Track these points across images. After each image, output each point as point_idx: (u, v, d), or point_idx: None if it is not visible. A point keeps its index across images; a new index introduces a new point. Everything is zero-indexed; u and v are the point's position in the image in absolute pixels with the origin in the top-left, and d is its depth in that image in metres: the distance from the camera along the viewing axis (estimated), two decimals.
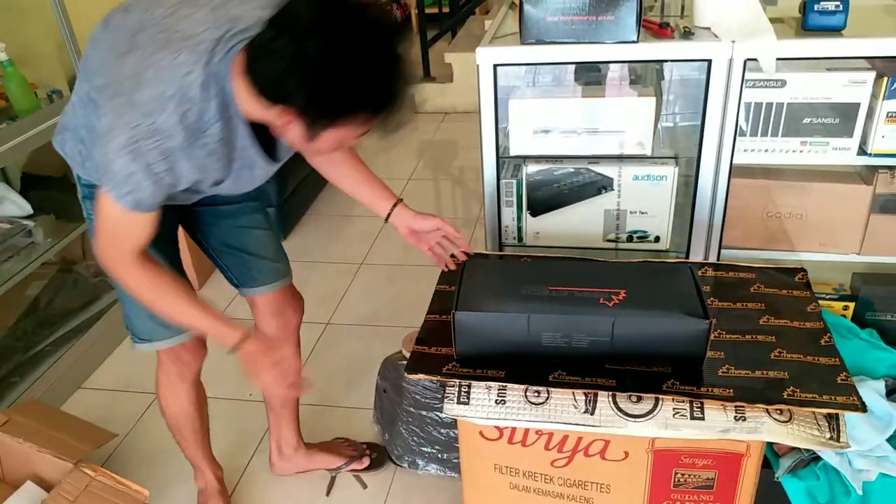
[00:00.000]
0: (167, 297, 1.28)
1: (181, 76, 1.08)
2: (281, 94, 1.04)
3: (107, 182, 1.12)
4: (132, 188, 1.11)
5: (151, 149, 1.08)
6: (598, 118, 1.52)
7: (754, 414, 1.21)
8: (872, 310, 1.66)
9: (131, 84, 1.09)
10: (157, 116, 1.07)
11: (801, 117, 1.43)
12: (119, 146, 1.07)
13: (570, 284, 1.31)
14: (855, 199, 1.50)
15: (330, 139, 1.10)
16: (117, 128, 1.07)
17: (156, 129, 1.07)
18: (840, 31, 1.36)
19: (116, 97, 1.10)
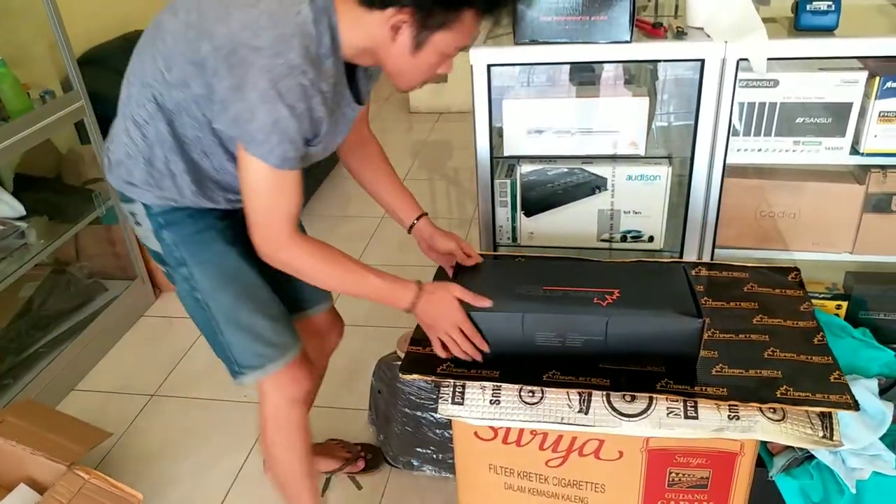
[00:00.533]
0: (341, 266, 1.24)
1: (293, 16, 1.07)
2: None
3: (249, 143, 1.10)
4: (278, 139, 1.09)
5: (290, 88, 1.06)
6: (592, 118, 1.52)
7: (748, 413, 1.21)
8: (865, 309, 1.66)
9: (248, 35, 1.06)
10: (286, 55, 1.05)
11: (794, 117, 1.43)
12: (259, 95, 1.05)
13: (564, 284, 1.32)
14: (847, 199, 1.51)
15: (437, 47, 1.12)
16: (249, 79, 1.05)
17: (290, 66, 1.05)
18: (832, 31, 1.37)
19: (234, 53, 1.06)
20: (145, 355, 2.45)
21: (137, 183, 1.27)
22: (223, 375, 1.45)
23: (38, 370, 2.21)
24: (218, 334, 1.38)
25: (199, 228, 1.32)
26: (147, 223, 1.32)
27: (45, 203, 2.40)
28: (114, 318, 2.52)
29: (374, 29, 1.11)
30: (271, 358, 1.41)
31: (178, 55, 1.14)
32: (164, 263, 1.37)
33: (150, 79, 1.18)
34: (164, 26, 1.17)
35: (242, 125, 1.09)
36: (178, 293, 1.39)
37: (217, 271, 1.34)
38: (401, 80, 1.23)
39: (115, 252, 2.64)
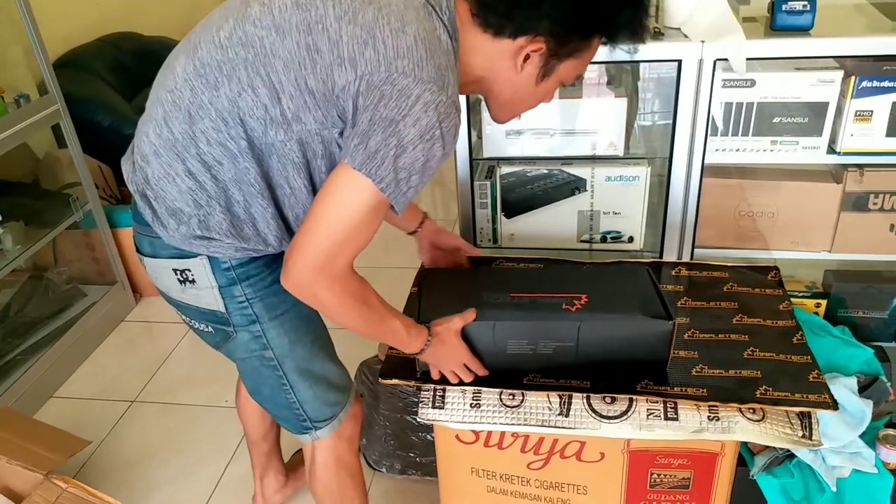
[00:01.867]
0: (371, 308, 1.11)
1: (440, 44, 0.97)
2: (532, 16, 0.99)
3: (380, 179, 0.96)
4: (418, 179, 0.98)
5: (450, 128, 0.97)
6: (571, 119, 1.52)
7: (727, 413, 1.21)
8: (844, 307, 1.67)
9: (408, 64, 0.94)
10: (448, 91, 0.96)
11: (772, 116, 1.44)
12: (420, 132, 0.95)
13: (531, 290, 1.31)
14: (825, 198, 1.51)
15: (560, 75, 1.07)
16: (413, 113, 0.94)
17: (451, 103, 0.96)
18: (808, 31, 1.37)
19: (391, 82, 0.94)
20: (125, 361, 2.43)
21: (214, 234, 1.09)
22: (204, 380, 1.43)
23: (15, 377, 2.18)
24: (288, 393, 1.27)
25: (276, 277, 1.13)
26: (210, 279, 1.14)
27: (22, 208, 2.37)
28: (93, 323, 2.50)
29: (499, 58, 1.04)
30: (342, 403, 1.34)
31: (291, 84, 0.99)
32: (223, 324, 1.20)
33: (243, 113, 1.01)
34: (263, 48, 0.99)
35: (382, 160, 0.95)
36: (238, 355, 1.25)
37: (294, 323, 1.22)
38: (509, 111, 1.16)
39: (94, 257, 2.61)
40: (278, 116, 1.01)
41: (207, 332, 1.24)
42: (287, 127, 1.02)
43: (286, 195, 1.10)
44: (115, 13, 3.08)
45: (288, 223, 1.14)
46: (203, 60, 1.04)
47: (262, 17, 1.01)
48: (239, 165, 1.06)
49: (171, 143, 1.07)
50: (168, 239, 1.13)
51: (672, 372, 1.27)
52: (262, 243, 1.13)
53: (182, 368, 2.33)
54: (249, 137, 1.04)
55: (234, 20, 1.03)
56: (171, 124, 1.06)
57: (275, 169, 1.07)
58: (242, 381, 1.33)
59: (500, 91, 1.10)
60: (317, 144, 1.05)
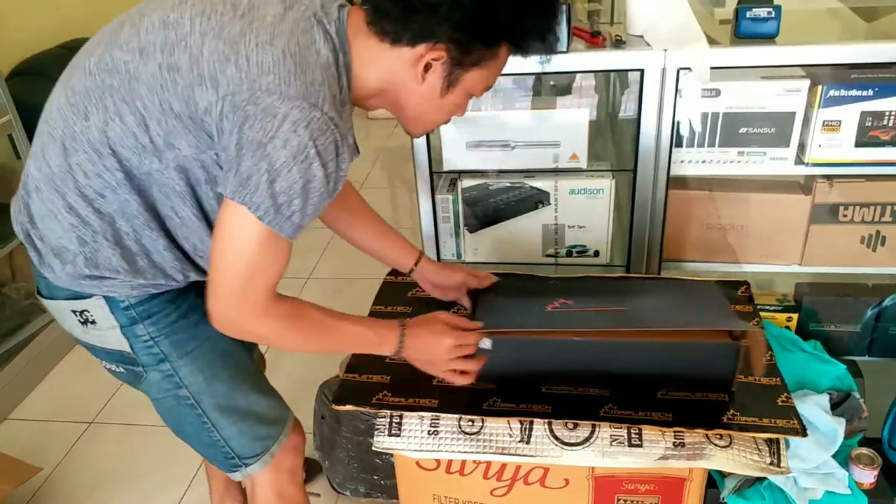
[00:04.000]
0: (315, 326, 1.06)
1: (316, 57, 0.92)
2: (431, 22, 0.93)
3: (258, 207, 0.90)
4: (301, 203, 0.92)
5: (326, 145, 0.91)
6: (532, 131, 1.47)
7: (693, 440, 1.17)
8: (816, 320, 1.63)
9: (273, 80, 0.88)
10: (321, 106, 0.90)
11: (738, 127, 1.39)
12: (292, 152, 0.88)
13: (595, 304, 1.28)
14: (794, 209, 1.47)
15: (466, 86, 1.02)
16: (280, 133, 0.88)
17: (326, 118, 0.90)
18: (773, 39, 1.33)
19: (255, 101, 0.88)
20: (84, 380, 2.34)
21: (105, 272, 1.03)
22: None
23: None
24: (211, 431, 1.19)
25: (181, 313, 1.11)
26: (109, 320, 1.08)
27: None
28: (51, 341, 2.41)
29: (398, 67, 0.98)
30: (274, 436, 1.26)
31: (156, 109, 0.93)
32: (132, 364, 1.13)
33: (113, 143, 0.96)
34: (128, 73, 0.94)
35: (255, 186, 0.89)
36: (153, 395, 1.19)
37: (208, 359, 1.15)
38: (418, 124, 1.11)
39: None
40: (149, 144, 0.96)
41: (120, 372, 1.17)
42: (160, 154, 0.96)
43: (177, 226, 1.04)
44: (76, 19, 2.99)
45: (186, 253, 1.07)
46: (74, 89, 0.98)
47: (130, 40, 0.96)
48: (120, 197, 0.99)
49: (50, 177, 1.00)
50: (56, 280, 1.06)
51: (636, 395, 1.22)
52: (162, 276, 1.07)
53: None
54: (125, 168, 0.98)
55: (105, 45, 0.98)
56: (49, 157, 1.00)
57: (158, 200, 1.01)
58: (163, 420, 1.25)
59: (405, 103, 1.04)
60: (197, 170, 0.99)
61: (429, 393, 1.26)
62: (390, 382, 1.30)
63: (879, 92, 1.30)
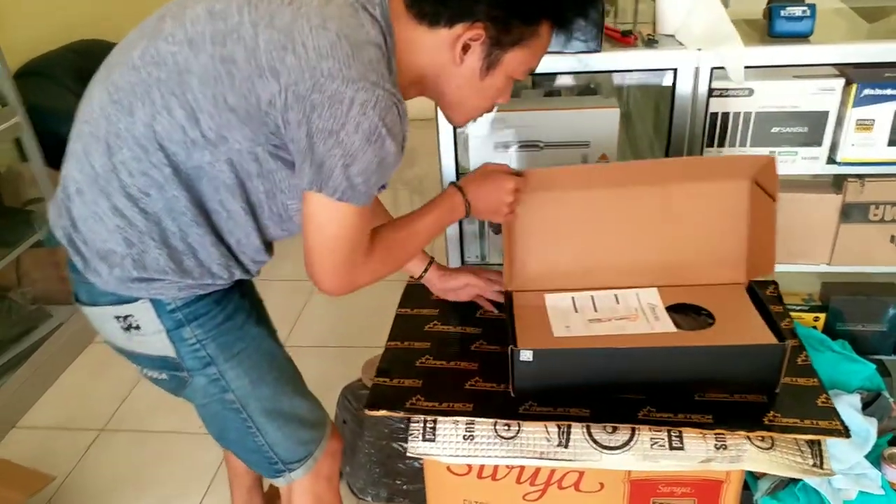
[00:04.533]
0: (406, 239, 1.14)
1: (366, 35, 0.91)
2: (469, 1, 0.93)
3: (337, 191, 0.92)
4: (378, 178, 0.94)
5: (394, 120, 0.91)
6: (561, 131, 1.45)
7: (735, 441, 1.15)
8: (842, 320, 1.63)
9: (334, 65, 0.86)
10: (382, 83, 0.89)
11: (770, 126, 1.38)
12: (364, 136, 0.88)
13: None
14: (824, 209, 1.46)
15: (507, 68, 1.00)
16: (351, 118, 0.87)
17: (388, 94, 0.89)
18: (807, 38, 1.32)
19: (320, 89, 0.86)
20: (94, 386, 2.31)
21: (153, 274, 1.01)
22: (178, 404, 1.32)
23: None
24: (256, 436, 1.17)
25: (227, 314, 1.10)
26: (156, 324, 1.06)
27: None
28: (59, 346, 2.38)
29: (437, 50, 0.97)
30: (317, 440, 1.25)
31: (209, 102, 0.92)
32: (177, 370, 1.11)
33: (161, 137, 0.94)
34: (176, 65, 0.92)
35: (333, 172, 0.90)
36: (197, 401, 1.17)
37: (253, 361, 1.14)
38: (459, 111, 1.09)
39: (61, 276, 2.48)
40: (199, 138, 0.94)
41: (162, 379, 1.15)
42: (213, 148, 0.95)
43: (223, 220, 1.03)
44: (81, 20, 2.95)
45: (231, 248, 1.06)
46: (117, 85, 0.96)
47: (175, 31, 0.94)
48: (167, 194, 0.97)
49: (94, 178, 0.98)
50: (103, 285, 1.04)
51: (675, 397, 1.21)
52: (208, 275, 1.05)
53: (154, 392, 2.16)
54: (173, 163, 0.96)
55: (148, 39, 0.96)
56: (92, 158, 0.98)
57: (207, 193, 0.99)
58: (206, 427, 1.23)
59: (445, 88, 1.03)
60: (250, 164, 0.97)
61: (462, 397, 1.24)
62: (422, 387, 1.28)
63: None
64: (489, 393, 1.26)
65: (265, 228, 1.07)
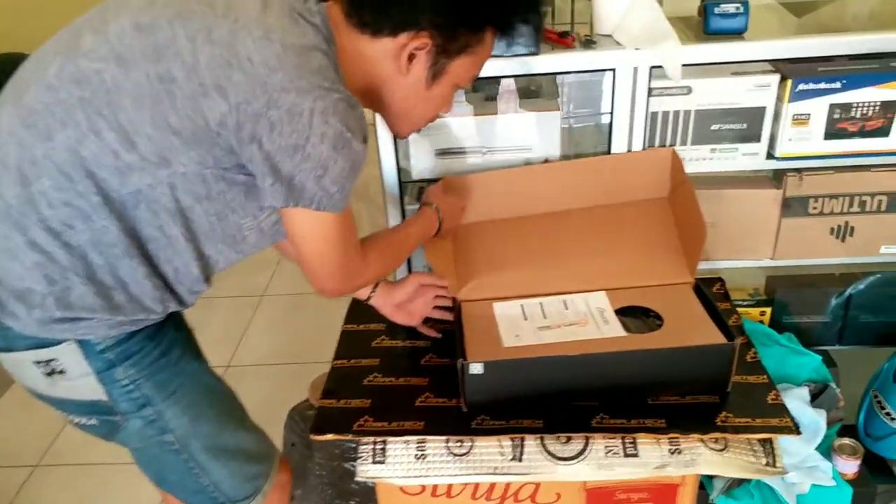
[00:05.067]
0: (397, 244, 1.22)
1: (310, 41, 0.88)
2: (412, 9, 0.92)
3: (313, 201, 0.90)
4: (352, 181, 0.93)
5: (357, 120, 0.89)
6: (502, 135, 1.42)
7: (689, 445, 1.14)
8: (788, 313, 1.64)
9: (284, 77, 0.83)
10: (337, 86, 0.88)
11: (709, 124, 1.38)
12: (331, 144, 0.86)
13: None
14: (766, 204, 1.47)
15: (453, 76, 0.99)
16: (314, 130, 0.84)
17: (345, 96, 0.88)
18: (742, 34, 1.32)
19: (275, 105, 0.83)
20: (25, 420, 2.17)
21: (79, 312, 0.93)
22: None
23: None
24: (199, 476, 1.11)
25: (162, 350, 1.03)
26: (83, 367, 0.98)
27: None
28: None
29: (381, 60, 0.95)
30: (265, 474, 1.18)
31: (147, 124, 0.85)
32: (109, 414, 1.04)
33: (88, 163, 0.86)
34: (102, 83, 0.85)
35: (306, 185, 0.88)
36: (131, 445, 1.10)
37: (192, 398, 1.08)
38: (405, 121, 1.06)
39: None
40: (137, 161, 0.87)
41: (92, 425, 1.07)
42: (154, 171, 0.88)
43: (161, 247, 0.95)
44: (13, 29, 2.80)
45: (166, 279, 0.98)
46: (30, 107, 0.87)
47: (97, 47, 0.87)
48: (95, 225, 0.90)
49: (5, 211, 0.89)
50: (22, 328, 0.94)
51: (627, 402, 1.19)
52: (141, 310, 0.98)
53: None
54: (103, 191, 0.88)
55: (64, 56, 0.88)
56: (2, 189, 0.89)
57: (144, 219, 0.92)
58: (143, 471, 1.15)
59: (391, 99, 1.01)
60: (197, 186, 0.91)
61: (413, 415, 1.21)
62: (371, 406, 1.24)
63: (847, 84, 1.31)
64: (441, 409, 1.22)
65: (213, 255, 1.01)
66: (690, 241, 1.33)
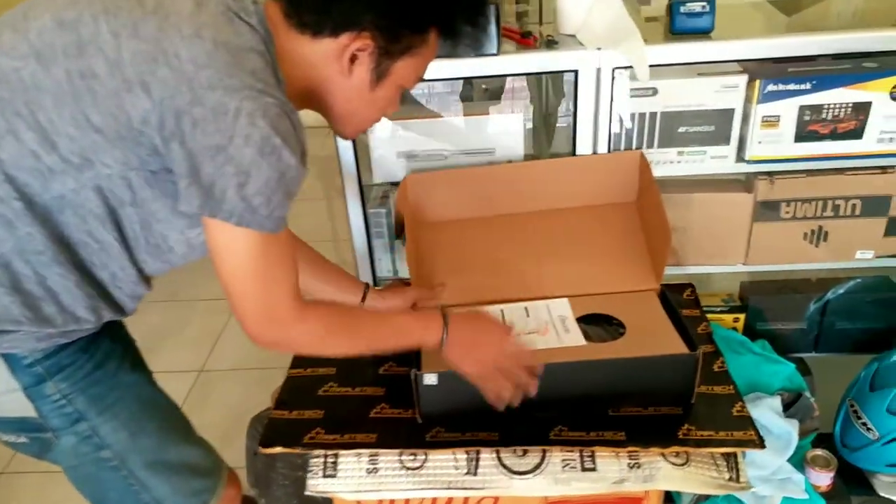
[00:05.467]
0: (364, 320, 1.06)
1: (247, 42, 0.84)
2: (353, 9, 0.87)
3: (235, 215, 0.82)
4: (282, 196, 0.84)
5: (288, 129, 0.83)
6: (466, 138, 1.38)
7: (649, 459, 1.11)
8: (763, 319, 1.60)
9: (213, 74, 0.79)
10: (270, 90, 0.82)
11: (676, 126, 1.34)
12: (257, 148, 0.80)
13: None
14: (737, 208, 1.43)
15: (397, 78, 0.94)
16: (238, 131, 0.79)
17: (278, 101, 0.82)
18: (708, 34, 1.28)
19: (200, 102, 0.78)
20: None
21: (4, 325, 0.89)
22: None
23: None
24: (140, 494, 1.06)
25: (97, 362, 0.99)
26: (8, 383, 0.93)
27: None
28: None
29: (322, 62, 0.91)
30: (210, 489, 1.15)
31: (67, 123, 0.81)
32: (39, 431, 0.99)
33: (7, 166, 0.82)
34: (21, 81, 0.81)
35: (226, 194, 0.81)
36: (65, 463, 1.04)
37: (131, 411, 1.03)
38: (349, 123, 1.02)
39: None
40: (58, 163, 0.83)
41: (21, 443, 1.02)
42: (76, 174, 0.84)
43: (94, 252, 0.91)
44: None
45: (102, 284, 0.94)
46: None
47: (17, 44, 0.83)
48: (18, 233, 0.86)
49: None
50: None
51: (588, 414, 1.15)
52: (72, 321, 0.93)
53: None
54: (25, 196, 0.85)
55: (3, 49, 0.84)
56: None
57: (71, 225, 0.88)
58: (79, 491, 1.11)
59: (333, 101, 0.96)
60: (122, 191, 0.87)
61: (366, 427, 1.17)
62: (324, 418, 1.20)
63: (817, 85, 1.27)
64: (395, 420, 1.19)
65: (142, 262, 0.97)
66: (656, 247, 1.30)
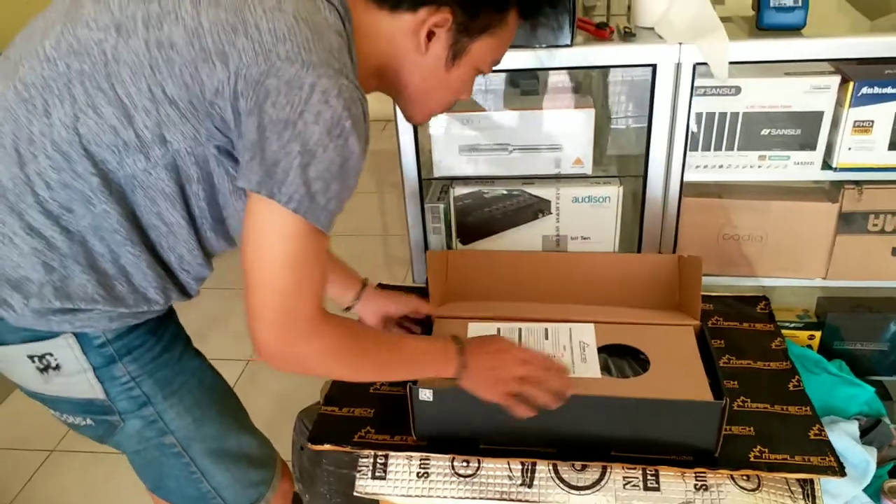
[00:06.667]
0: (382, 344, 0.96)
1: (325, 20, 0.80)
2: None
3: (292, 199, 0.77)
4: (340, 186, 0.79)
5: (359, 115, 0.78)
6: (531, 133, 1.33)
7: (717, 481, 1.03)
8: (840, 338, 1.50)
9: (292, 47, 0.75)
10: (346, 72, 0.78)
11: (759, 128, 1.26)
12: (326, 127, 0.75)
13: None
14: (820, 219, 1.34)
15: (474, 59, 0.91)
16: (311, 107, 0.74)
17: (353, 85, 0.78)
18: (799, 31, 1.20)
19: (276, 73, 0.75)
20: None
21: (79, 303, 0.87)
22: None
23: None
24: (200, 482, 1.04)
25: (164, 345, 0.98)
26: (80, 363, 0.91)
27: None
28: None
29: (399, 38, 0.88)
30: (267, 481, 1.13)
31: (144, 96, 0.79)
32: (106, 413, 0.97)
33: (87, 141, 0.81)
34: (102, 54, 0.79)
35: (289, 174, 0.76)
36: (128, 448, 1.03)
37: (195, 397, 1.02)
38: (421, 105, 0.97)
39: None
40: (133, 139, 0.81)
41: (87, 425, 0.99)
42: (148, 151, 0.82)
43: (162, 235, 0.89)
44: None
45: (169, 267, 0.92)
46: (26, 81, 0.82)
47: (99, 16, 0.80)
48: (95, 209, 0.84)
49: (1, 194, 0.83)
50: (16, 320, 0.88)
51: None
52: (143, 301, 0.91)
53: None
54: (102, 172, 0.82)
55: (63, 25, 0.82)
56: None
57: (143, 206, 0.86)
58: (139, 476, 1.09)
59: (407, 80, 0.92)
60: (190, 167, 0.84)
61: None
62: (374, 417, 1.16)
63: None
64: None
65: (207, 241, 0.95)
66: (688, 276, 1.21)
